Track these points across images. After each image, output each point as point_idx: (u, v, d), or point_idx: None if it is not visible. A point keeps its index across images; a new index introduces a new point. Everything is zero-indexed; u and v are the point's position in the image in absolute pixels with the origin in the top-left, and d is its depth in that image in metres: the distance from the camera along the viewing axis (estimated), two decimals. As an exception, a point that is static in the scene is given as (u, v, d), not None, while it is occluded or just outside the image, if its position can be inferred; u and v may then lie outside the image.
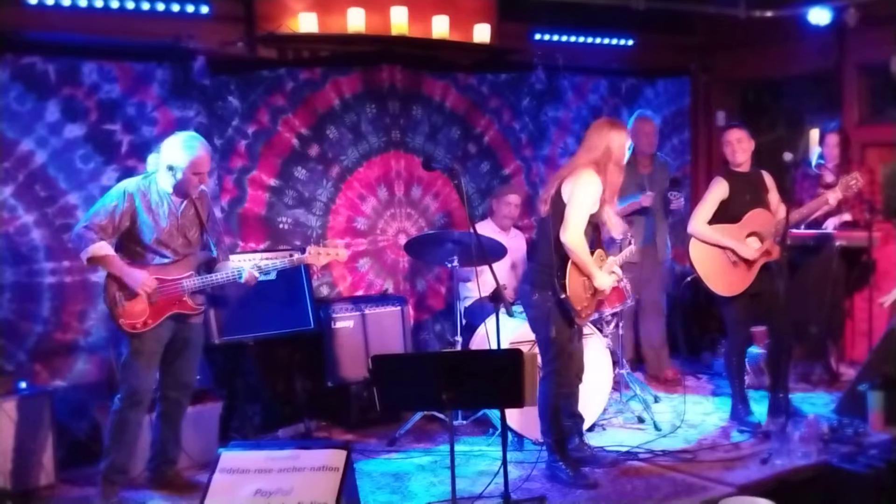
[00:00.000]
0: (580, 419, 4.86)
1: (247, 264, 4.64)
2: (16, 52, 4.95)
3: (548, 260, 4.53)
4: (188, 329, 4.57)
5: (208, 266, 4.63)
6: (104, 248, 4.31)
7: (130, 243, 4.41)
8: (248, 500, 3.68)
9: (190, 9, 5.42)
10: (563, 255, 4.48)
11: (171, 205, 4.47)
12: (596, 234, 4.69)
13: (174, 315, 4.46)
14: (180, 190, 4.45)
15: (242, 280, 4.55)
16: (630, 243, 5.14)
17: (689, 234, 5.35)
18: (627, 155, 6.25)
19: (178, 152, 4.39)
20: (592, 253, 4.60)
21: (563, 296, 4.44)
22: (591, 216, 4.52)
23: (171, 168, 4.40)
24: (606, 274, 4.63)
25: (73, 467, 4.92)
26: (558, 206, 4.52)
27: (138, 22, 5.30)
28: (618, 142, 4.54)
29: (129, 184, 4.47)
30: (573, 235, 4.43)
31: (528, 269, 4.94)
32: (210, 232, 4.64)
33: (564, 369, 4.58)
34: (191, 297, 4.50)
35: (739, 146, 5.27)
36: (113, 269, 4.34)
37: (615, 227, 4.69)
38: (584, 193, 4.46)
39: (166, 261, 4.45)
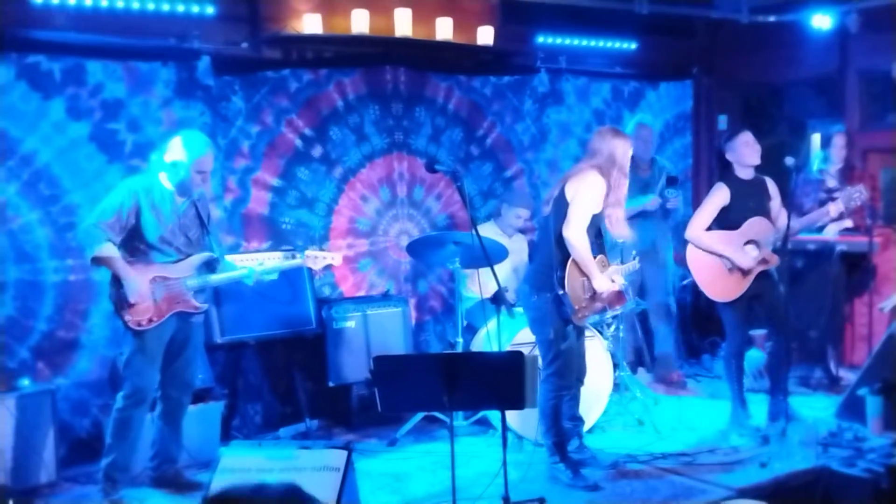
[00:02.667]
0: (580, 421, 4.87)
1: (248, 263, 4.70)
2: (21, 51, 4.97)
3: (548, 260, 4.57)
4: (189, 328, 4.58)
5: (209, 266, 4.64)
6: (110, 249, 4.32)
7: (134, 240, 4.42)
8: (250, 500, 3.69)
9: (195, 9, 5.43)
10: (564, 254, 4.52)
11: (173, 203, 4.49)
12: (599, 239, 4.72)
13: (177, 313, 4.48)
14: (183, 188, 4.48)
15: (251, 282, 4.62)
16: (634, 257, 5.18)
17: (686, 238, 5.37)
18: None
19: (183, 150, 4.42)
20: (594, 257, 4.63)
21: (560, 292, 4.47)
22: (594, 218, 4.56)
23: (175, 166, 4.43)
24: (607, 278, 4.65)
25: (74, 465, 4.93)
26: (561, 206, 4.55)
27: (143, 22, 5.32)
28: (621, 149, 4.61)
29: (135, 181, 4.50)
30: (575, 231, 4.48)
31: (529, 270, 4.97)
32: (211, 233, 4.67)
33: (565, 371, 4.60)
34: (194, 296, 4.52)
35: (753, 148, 5.26)
36: (115, 271, 4.34)
37: (620, 230, 4.71)
38: (588, 192, 4.52)
39: (170, 259, 4.47)
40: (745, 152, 5.29)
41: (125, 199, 4.38)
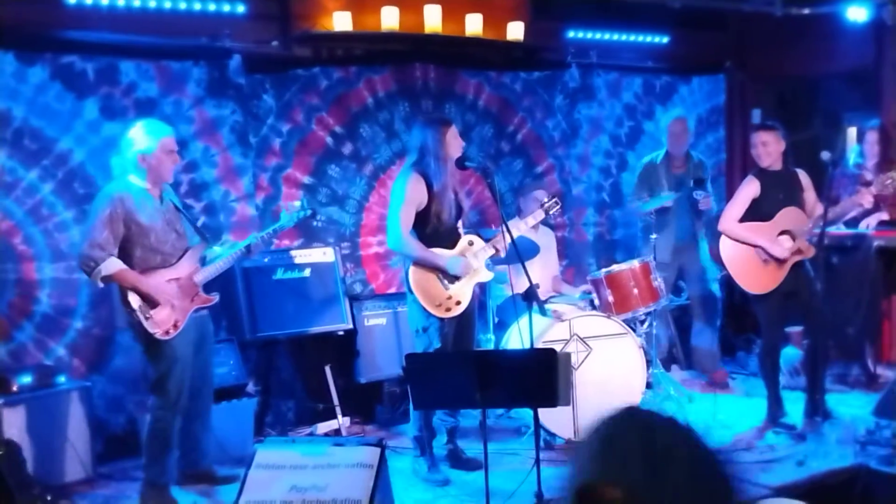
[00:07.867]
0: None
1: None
2: (55, 52, 5.02)
3: (406, 265, 4.68)
4: (201, 322, 4.54)
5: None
6: (116, 262, 4.19)
7: (129, 248, 4.28)
8: (284, 496, 3.70)
9: (226, 8, 5.46)
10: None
11: (153, 200, 4.37)
12: (453, 221, 4.74)
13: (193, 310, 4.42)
14: (157, 176, 4.35)
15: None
16: (543, 207, 5.16)
17: (719, 231, 5.33)
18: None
19: (148, 137, 4.31)
20: (456, 243, 4.68)
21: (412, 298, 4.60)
22: (429, 210, 4.59)
23: (144, 157, 4.30)
24: (463, 261, 4.66)
25: (110, 461, 4.99)
26: None
27: (175, 21, 5.36)
28: (432, 136, 4.63)
29: (112, 187, 4.33)
30: (392, 239, 4.62)
31: None
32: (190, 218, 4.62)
33: None
34: (204, 289, 4.48)
35: (764, 149, 5.20)
36: (129, 282, 4.22)
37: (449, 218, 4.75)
38: (395, 196, 4.63)
39: (172, 260, 4.37)
40: (753, 152, 5.26)
41: (111, 207, 4.20)
